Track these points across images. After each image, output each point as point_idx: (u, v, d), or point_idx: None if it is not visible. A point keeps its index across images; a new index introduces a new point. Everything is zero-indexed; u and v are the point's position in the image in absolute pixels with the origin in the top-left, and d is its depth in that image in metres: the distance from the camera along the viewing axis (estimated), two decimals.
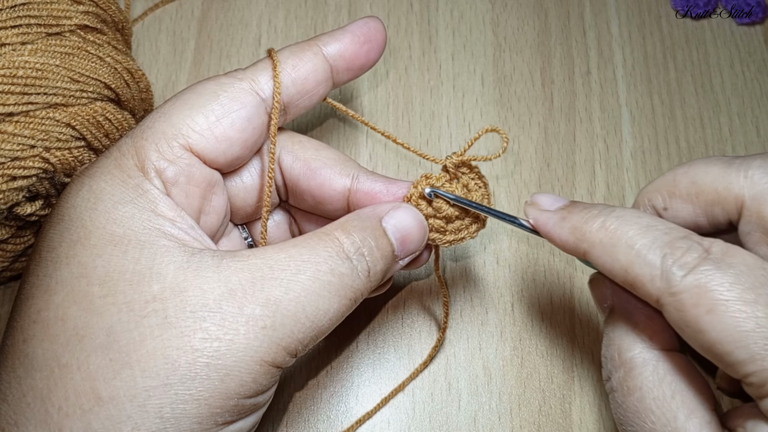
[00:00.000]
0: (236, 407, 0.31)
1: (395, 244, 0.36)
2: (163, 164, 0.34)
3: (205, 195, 0.36)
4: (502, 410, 0.43)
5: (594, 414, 0.43)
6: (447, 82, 0.53)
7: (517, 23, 0.55)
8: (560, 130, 0.52)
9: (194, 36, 0.55)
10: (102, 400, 0.29)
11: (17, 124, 0.36)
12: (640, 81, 0.54)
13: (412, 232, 0.37)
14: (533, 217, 0.36)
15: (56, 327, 0.30)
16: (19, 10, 0.37)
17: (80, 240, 0.32)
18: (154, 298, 0.30)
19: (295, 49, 0.38)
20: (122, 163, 0.34)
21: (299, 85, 0.38)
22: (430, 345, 0.45)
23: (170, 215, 0.33)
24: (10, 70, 0.36)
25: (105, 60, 0.40)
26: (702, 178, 0.34)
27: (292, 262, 0.32)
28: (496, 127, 0.37)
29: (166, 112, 0.35)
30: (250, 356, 0.30)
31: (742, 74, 0.54)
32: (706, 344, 0.30)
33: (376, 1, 0.56)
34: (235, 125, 0.35)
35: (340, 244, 0.33)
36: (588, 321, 0.46)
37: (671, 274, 0.30)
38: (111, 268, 0.31)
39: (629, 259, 0.31)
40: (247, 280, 0.31)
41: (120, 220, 0.32)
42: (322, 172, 0.38)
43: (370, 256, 0.34)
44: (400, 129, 0.52)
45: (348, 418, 0.43)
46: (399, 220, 0.36)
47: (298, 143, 0.39)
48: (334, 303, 0.32)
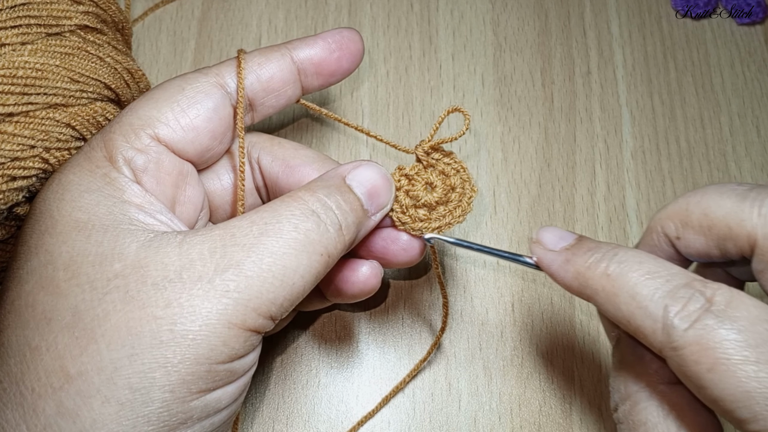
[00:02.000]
0: (209, 373, 0.31)
1: (363, 198, 0.36)
2: (132, 153, 0.35)
3: (177, 184, 0.36)
4: (502, 410, 0.43)
5: (594, 414, 0.43)
6: (447, 82, 0.53)
7: (518, 23, 0.55)
8: (560, 130, 0.52)
9: (194, 36, 0.55)
10: (71, 377, 0.29)
11: (17, 124, 0.36)
12: (640, 81, 0.54)
13: (378, 185, 0.37)
14: (538, 257, 0.35)
15: (27, 313, 0.31)
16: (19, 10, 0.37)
17: (48, 230, 0.33)
18: (116, 276, 0.31)
19: (263, 50, 0.39)
20: (91, 156, 0.35)
21: (264, 83, 0.39)
22: (431, 345, 0.45)
23: (137, 201, 0.33)
24: (10, 70, 0.36)
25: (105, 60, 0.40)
26: (714, 211, 0.33)
27: (254, 226, 0.32)
28: (459, 107, 0.37)
29: (133, 107, 0.36)
30: (215, 319, 0.30)
31: (742, 74, 0.54)
32: (709, 399, 0.29)
33: (376, 1, 0.56)
34: (200, 115, 0.36)
35: (304, 201, 0.33)
36: (588, 321, 0.46)
37: (672, 328, 0.30)
38: (75, 252, 0.32)
39: (630, 311, 0.31)
40: (207, 250, 0.31)
41: (85, 207, 0.33)
42: (301, 169, 0.39)
43: (339, 209, 0.34)
44: (400, 129, 0.52)
45: (348, 418, 0.43)
46: (362, 175, 0.36)
47: (276, 144, 0.40)
48: (303, 259, 0.32)
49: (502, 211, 0.49)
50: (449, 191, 0.38)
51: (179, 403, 0.30)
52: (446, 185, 0.38)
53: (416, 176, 0.38)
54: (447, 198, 0.38)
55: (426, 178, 0.38)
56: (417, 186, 0.38)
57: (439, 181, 0.38)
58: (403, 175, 0.38)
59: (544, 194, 0.50)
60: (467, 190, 0.38)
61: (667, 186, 0.50)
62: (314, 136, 0.52)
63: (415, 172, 0.38)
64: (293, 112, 0.52)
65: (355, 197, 0.36)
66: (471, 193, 0.38)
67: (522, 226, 0.49)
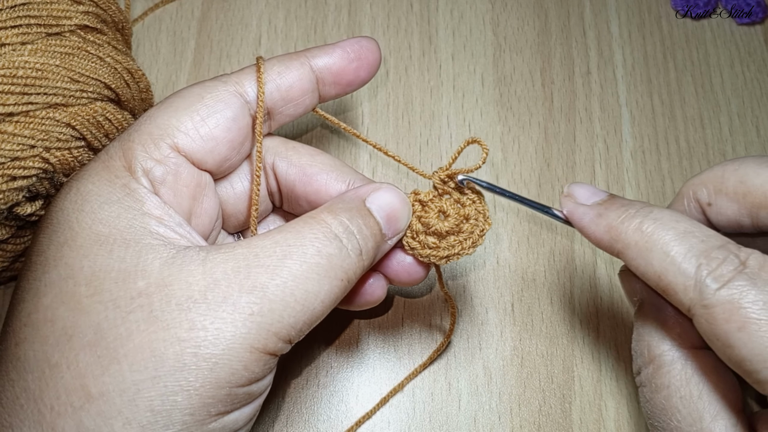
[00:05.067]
0: (229, 396, 0.31)
1: (382, 222, 0.36)
2: (151, 164, 0.34)
3: (194, 196, 0.36)
4: (502, 410, 0.43)
5: (594, 414, 0.43)
6: (447, 82, 0.53)
7: (517, 23, 0.55)
8: (560, 130, 0.52)
9: (194, 36, 0.55)
10: (92, 397, 0.29)
11: (17, 124, 0.36)
12: (640, 81, 0.54)
13: (396, 210, 0.36)
14: (569, 210, 0.35)
15: (46, 328, 0.30)
16: (19, 10, 0.37)
17: (67, 242, 0.32)
18: (140, 294, 0.30)
19: (282, 58, 0.39)
20: (109, 165, 0.34)
21: (284, 92, 0.38)
22: (430, 345, 0.45)
23: (157, 213, 0.33)
24: (10, 70, 0.36)
25: (105, 60, 0.40)
26: (752, 179, 0.33)
27: (278, 247, 0.32)
28: (478, 139, 0.36)
29: (152, 115, 0.35)
30: (238, 343, 0.30)
31: (742, 74, 0.54)
32: (735, 359, 0.30)
33: (376, 1, 0.56)
34: (220, 125, 0.36)
35: (327, 225, 0.33)
36: (588, 321, 0.46)
37: (705, 285, 0.30)
38: (97, 267, 0.31)
39: (663, 266, 0.31)
40: (232, 270, 0.31)
41: (106, 220, 0.32)
42: (319, 177, 0.38)
43: (360, 234, 0.34)
44: (400, 129, 0.52)
45: (348, 418, 0.43)
46: (382, 199, 0.36)
47: (292, 149, 0.39)
48: (324, 285, 0.32)
49: (502, 211, 0.49)
50: (462, 221, 0.38)
51: (198, 425, 0.30)
52: (460, 215, 0.38)
53: (430, 203, 0.38)
54: (459, 228, 0.38)
55: (440, 206, 0.38)
56: (430, 213, 0.38)
57: (453, 210, 0.38)
58: (417, 200, 0.38)
59: (544, 194, 0.50)
60: (481, 222, 0.38)
61: (667, 186, 0.50)
62: (314, 137, 0.52)
63: (429, 199, 0.38)
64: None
65: (375, 222, 0.35)
66: (484, 225, 0.38)
67: (522, 225, 0.49)
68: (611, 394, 0.44)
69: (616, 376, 0.44)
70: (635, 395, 0.43)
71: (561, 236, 0.48)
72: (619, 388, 0.44)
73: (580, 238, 0.48)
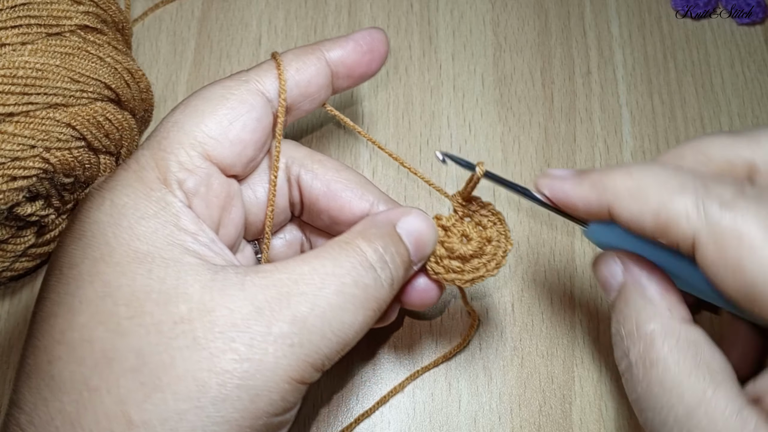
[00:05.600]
0: (265, 426, 0.30)
1: (411, 249, 0.36)
2: (184, 175, 0.33)
3: (224, 206, 0.35)
4: (502, 410, 0.43)
5: (594, 414, 0.43)
6: (447, 82, 0.53)
7: (518, 23, 0.55)
8: (560, 130, 0.52)
9: (194, 36, 0.55)
10: (134, 424, 0.28)
11: (17, 124, 0.36)
12: (640, 81, 0.54)
13: (425, 236, 0.36)
14: (548, 186, 0.35)
15: (83, 349, 0.30)
16: (19, 11, 0.37)
17: (103, 257, 0.31)
18: (182, 319, 0.30)
19: (298, 52, 0.38)
20: (143, 176, 0.33)
21: (302, 88, 0.38)
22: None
23: (192, 229, 0.32)
24: (10, 70, 0.36)
25: (105, 60, 0.40)
26: (709, 147, 0.33)
27: (316, 275, 0.32)
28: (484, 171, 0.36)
29: (178, 120, 0.34)
30: (279, 375, 0.30)
31: (742, 74, 0.54)
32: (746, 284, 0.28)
33: (376, 1, 0.56)
34: (247, 127, 0.35)
35: (362, 253, 0.33)
36: (588, 321, 0.46)
37: (710, 207, 0.29)
38: (136, 287, 0.30)
39: (662, 198, 0.30)
40: (273, 297, 0.31)
41: (143, 236, 0.31)
42: (343, 194, 0.38)
43: (393, 263, 0.34)
44: (400, 129, 0.52)
45: (348, 418, 0.43)
46: (412, 225, 0.36)
47: (318, 162, 0.39)
48: (359, 315, 0.32)
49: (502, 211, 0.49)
50: (485, 243, 0.37)
51: None
52: (482, 237, 0.37)
53: (452, 227, 0.38)
54: (482, 250, 0.37)
55: (462, 230, 0.37)
56: (453, 238, 0.37)
57: (475, 234, 0.37)
58: (440, 226, 0.38)
59: None
60: (503, 243, 0.38)
61: None
62: (313, 131, 0.52)
63: (451, 224, 0.38)
64: None
65: (405, 248, 0.35)
66: (507, 246, 0.38)
67: (522, 225, 0.49)
68: (611, 394, 0.44)
69: (616, 376, 0.44)
70: None
71: (561, 235, 0.48)
72: (619, 388, 0.44)
73: (581, 238, 0.48)
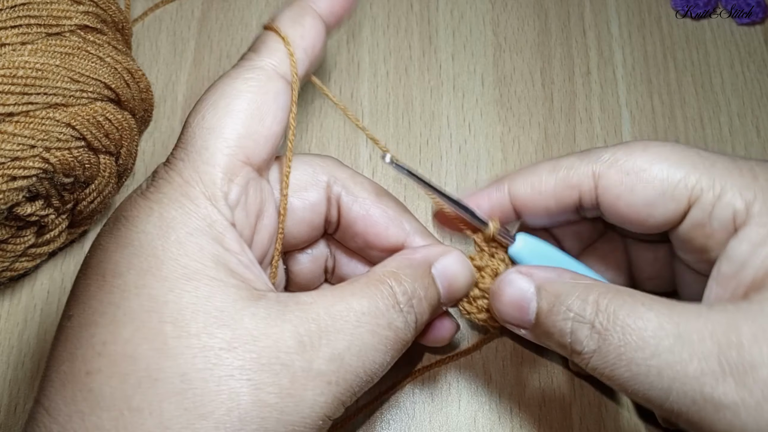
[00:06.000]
0: None
1: (442, 292, 0.36)
2: (228, 187, 0.33)
3: (258, 213, 0.35)
4: (502, 410, 0.43)
5: (594, 414, 0.43)
6: (447, 82, 0.53)
7: (517, 23, 0.55)
8: (560, 130, 0.52)
9: (194, 36, 0.55)
10: None
11: (17, 124, 0.36)
12: (640, 81, 0.54)
13: (459, 281, 0.37)
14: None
15: (126, 365, 0.29)
16: (19, 11, 0.37)
17: (151, 269, 0.30)
18: (229, 346, 0.29)
19: (293, 15, 0.37)
20: (188, 192, 0.32)
21: (309, 54, 0.37)
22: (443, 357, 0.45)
23: (236, 249, 0.32)
24: (10, 70, 0.36)
25: (105, 60, 0.40)
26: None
27: (353, 313, 0.32)
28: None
29: (213, 127, 0.33)
30: (315, 412, 0.30)
31: (742, 74, 0.54)
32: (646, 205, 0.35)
33: (376, 1, 0.56)
34: (276, 118, 0.35)
35: (394, 295, 0.33)
36: None
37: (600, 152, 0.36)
38: (183, 305, 0.29)
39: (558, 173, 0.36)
40: (314, 332, 0.30)
41: (192, 253, 0.31)
42: (381, 221, 0.38)
43: (419, 307, 0.34)
44: (400, 129, 0.52)
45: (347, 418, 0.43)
46: (449, 269, 0.36)
47: (359, 185, 0.38)
48: (388, 356, 0.33)
49: None
50: None
51: None
52: None
53: (486, 267, 0.37)
54: None
55: (495, 269, 0.37)
56: (486, 278, 0.37)
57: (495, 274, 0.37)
58: (475, 266, 0.38)
59: None
60: None
61: None
62: (312, 130, 0.52)
63: (485, 264, 0.37)
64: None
65: (436, 290, 0.35)
66: None
67: None
68: (611, 394, 0.44)
69: None
70: None
71: None
72: None
73: None
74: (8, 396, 0.44)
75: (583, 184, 0.36)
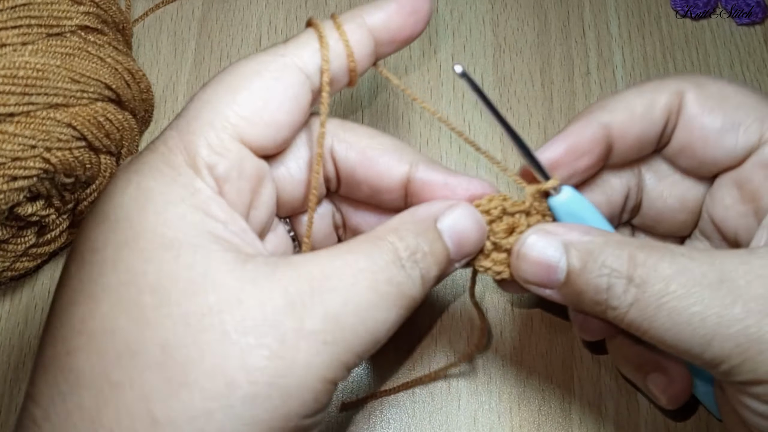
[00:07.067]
0: (295, 427, 0.29)
1: (451, 247, 0.34)
2: (215, 159, 0.31)
3: (255, 189, 0.33)
4: (502, 410, 0.43)
5: (594, 414, 0.43)
6: (447, 82, 0.53)
7: (517, 24, 0.56)
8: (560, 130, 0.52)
9: (195, 37, 0.55)
10: (158, 423, 0.27)
11: (18, 124, 0.37)
12: (639, 81, 0.54)
13: (470, 234, 0.34)
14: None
15: (105, 340, 0.28)
16: (19, 11, 0.37)
17: (128, 242, 0.29)
18: (211, 311, 0.28)
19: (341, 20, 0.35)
20: (171, 160, 0.31)
21: (344, 60, 0.35)
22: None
23: (222, 217, 0.31)
24: (11, 70, 0.36)
25: (106, 60, 0.40)
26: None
27: (349, 269, 0.30)
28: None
29: (210, 100, 0.32)
30: (312, 374, 0.28)
31: (742, 74, 0.54)
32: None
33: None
34: (283, 107, 0.33)
35: (395, 249, 0.31)
36: None
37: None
38: (162, 274, 0.28)
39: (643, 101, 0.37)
40: (305, 291, 0.29)
41: (171, 222, 0.29)
42: (381, 160, 0.36)
43: (423, 262, 0.32)
44: (400, 129, 0.52)
45: (347, 417, 0.43)
46: (456, 223, 0.34)
47: (350, 131, 0.36)
48: (392, 313, 0.31)
49: None
50: None
51: None
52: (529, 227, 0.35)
53: (498, 219, 0.35)
54: None
55: (512, 222, 0.35)
56: (499, 232, 0.35)
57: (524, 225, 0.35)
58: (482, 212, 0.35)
59: None
60: None
61: None
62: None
63: (497, 216, 0.35)
64: None
65: (443, 246, 0.33)
66: None
67: None
68: (611, 394, 0.44)
69: (616, 376, 0.44)
70: (635, 395, 0.43)
71: None
72: (618, 387, 0.44)
73: None
74: (8, 396, 0.44)
75: (672, 102, 0.36)
